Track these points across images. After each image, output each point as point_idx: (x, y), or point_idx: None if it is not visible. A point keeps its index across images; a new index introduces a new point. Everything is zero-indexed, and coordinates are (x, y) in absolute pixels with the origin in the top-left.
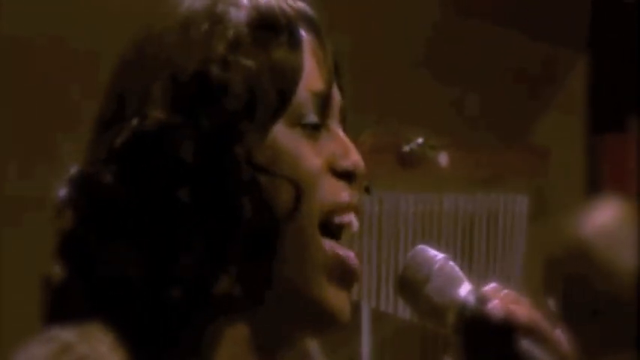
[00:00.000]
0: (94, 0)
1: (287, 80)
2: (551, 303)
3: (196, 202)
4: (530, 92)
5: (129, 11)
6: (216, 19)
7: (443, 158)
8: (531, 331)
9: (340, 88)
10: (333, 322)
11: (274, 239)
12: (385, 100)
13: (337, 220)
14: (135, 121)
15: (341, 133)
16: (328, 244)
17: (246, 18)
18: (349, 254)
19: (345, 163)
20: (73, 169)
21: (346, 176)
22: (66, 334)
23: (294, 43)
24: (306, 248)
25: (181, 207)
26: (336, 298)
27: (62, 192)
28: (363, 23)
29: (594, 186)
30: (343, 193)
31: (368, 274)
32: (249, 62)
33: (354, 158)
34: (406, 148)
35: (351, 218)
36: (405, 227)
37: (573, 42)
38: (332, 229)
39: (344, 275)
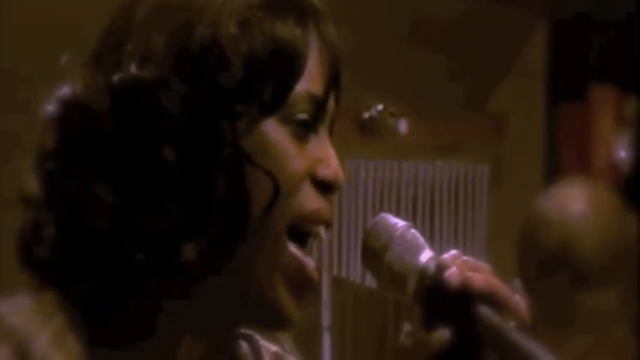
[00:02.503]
0: None
1: (288, 73)
2: (517, 283)
3: (175, 163)
4: (489, 58)
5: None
6: None
7: (402, 125)
8: (489, 298)
9: (337, 97)
10: (279, 326)
11: (242, 229)
12: (345, 67)
13: (306, 228)
14: (134, 67)
15: (328, 142)
16: (293, 248)
17: (260, 1)
18: (311, 264)
19: (327, 173)
20: (64, 90)
21: (325, 187)
22: None
23: (302, 38)
24: (270, 248)
25: (160, 163)
26: (290, 304)
27: (49, 108)
28: None
29: (552, 154)
30: (318, 204)
31: (328, 240)
32: (254, 45)
33: (336, 169)
34: (366, 115)
35: (320, 231)
36: (365, 194)
37: (533, 8)
38: (299, 235)
39: (302, 284)
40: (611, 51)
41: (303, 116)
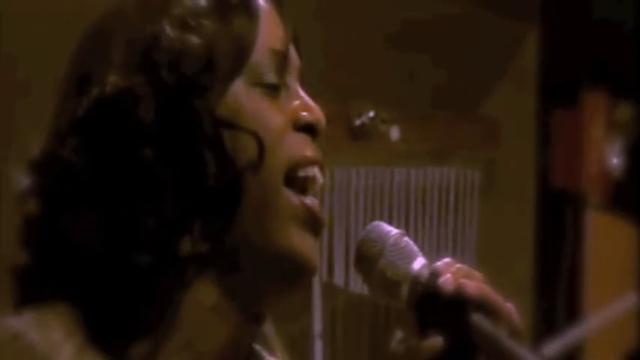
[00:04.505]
0: None
1: (245, 39)
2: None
3: (160, 161)
4: (481, 65)
5: None
6: None
7: (394, 132)
8: (482, 305)
9: (298, 52)
10: (302, 269)
11: (239, 193)
12: (336, 73)
13: (302, 173)
14: (95, 90)
15: (301, 91)
16: (293, 194)
17: None
18: (315, 203)
19: (309, 118)
20: (34, 153)
21: (309, 130)
22: (17, 322)
23: (252, 9)
24: (271, 200)
25: (145, 168)
26: (305, 243)
27: (25, 180)
28: None
29: (544, 160)
30: (307, 148)
31: (319, 247)
32: (207, 24)
33: (316, 112)
34: (357, 122)
35: (315, 172)
36: (357, 201)
37: (525, 14)
38: (297, 183)
39: (312, 222)
40: (603, 57)
41: (269, 78)
